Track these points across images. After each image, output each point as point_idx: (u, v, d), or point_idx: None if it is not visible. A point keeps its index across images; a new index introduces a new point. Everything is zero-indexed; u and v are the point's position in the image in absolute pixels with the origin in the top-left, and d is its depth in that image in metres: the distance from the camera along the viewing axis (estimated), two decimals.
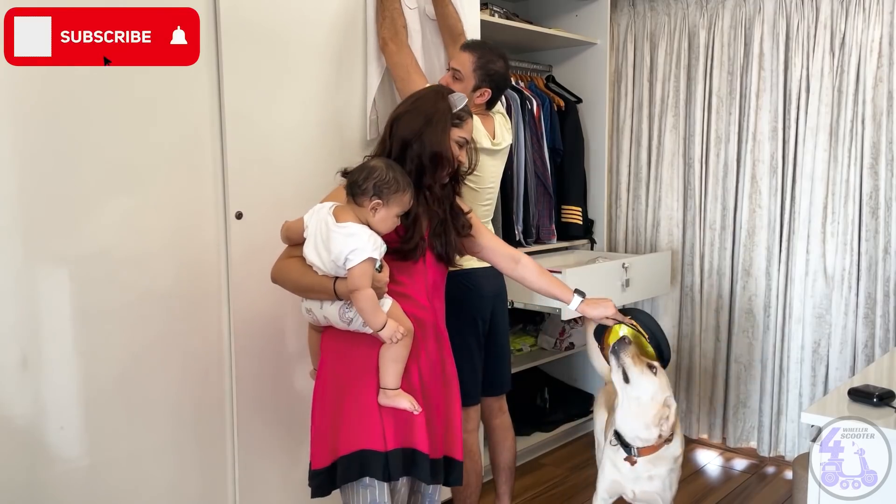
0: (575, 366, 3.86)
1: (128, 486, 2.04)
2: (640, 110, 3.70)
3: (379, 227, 1.80)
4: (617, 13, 3.74)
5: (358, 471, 1.82)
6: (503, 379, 2.55)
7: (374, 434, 1.81)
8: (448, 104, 1.93)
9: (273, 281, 1.90)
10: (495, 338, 2.47)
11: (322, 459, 1.85)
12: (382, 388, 1.82)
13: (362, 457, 1.81)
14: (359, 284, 1.72)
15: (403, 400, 1.81)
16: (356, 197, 1.80)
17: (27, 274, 1.84)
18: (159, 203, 2.04)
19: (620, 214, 3.80)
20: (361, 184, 1.78)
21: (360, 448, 1.82)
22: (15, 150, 1.80)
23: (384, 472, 1.81)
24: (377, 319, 1.74)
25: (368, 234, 1.76)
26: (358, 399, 1.84)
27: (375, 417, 1.82)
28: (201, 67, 2.08)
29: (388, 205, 1.79)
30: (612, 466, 2.17)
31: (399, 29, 2.40)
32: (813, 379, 3.27)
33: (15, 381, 1.83)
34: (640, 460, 2.10)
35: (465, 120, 1.97)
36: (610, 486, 2.21)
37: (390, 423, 1.82)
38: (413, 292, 1.92)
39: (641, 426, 2.05)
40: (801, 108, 3.24)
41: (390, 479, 1.82)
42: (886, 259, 3.07)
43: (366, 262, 1.73)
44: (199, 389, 2.17)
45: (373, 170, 1.79)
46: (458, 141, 1.95)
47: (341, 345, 1.88)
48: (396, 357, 1.81)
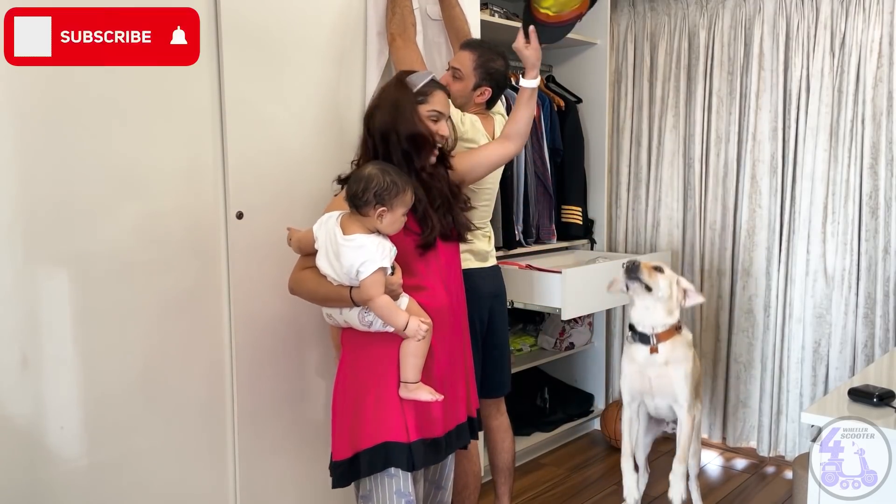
0: (575, 366, 3.86)
1: (128, 486, 2.04)
2: (640, 110, 3.70)
3: (388, 231, 1.83)
4: (617, 13, 3.74)
5: (383, 462, 1.89)
6: (502, 381, 2.53)
7: (397, 426, 1.88)
8: (408, 86, 1.97)
9: (291, 293, 1.96)
10: (493, 339, 2.46)
11: (343, 452, 1.91)
12: (403, 382, 1.87)
13: (387, 449, 1.88)
14: (372, 294, 1.77)
15: (424, 392, 1.86)
16: (360, 209, 1.81)
17: (27, 274, 1.84)
18: (159, 203, 2.04)
19: (620, 214, 3.80)
20: (362, 195, 1.79)
21: (383, 440, 1.88)
22: (15, 150, 1.80)
23: (409, 463, 1.88)
24: (398, 320, 1.80)
25: (377, 245, 1.78)
26: (379, 394, 1.89)
27: (398, 411, 1.88)
28: (201, 67, 2.08)
29: (392, 209, 1.80)
30: (629, 362, 2.55)
31: (408, 26, 2.40)
32: (813, 379, 3.27)
33: (15, 381, 1.83)
34: (661, 347, 2.48)
35: (431, 94, 1.98)
36: (631, 385, 2.57)
37: (412, 415, 1.89)
38: (428, 282, 1.96)
39: (665, 313, 2.48)
40: (801, 108, 3.24)
41: (414, 468, 1.89)
42: (886, 259, 3.07)
43: (377, 272, 1.76)
44: (200, 389, 2.16)
45: (370, 179, 1.79)
46: (429, 116, 1.96)
47: (361, 341, 1.93)
48: (416, 352, 1.86)
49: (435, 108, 1.97)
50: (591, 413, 3.76)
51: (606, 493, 3.12)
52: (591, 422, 3.81)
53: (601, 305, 3.35)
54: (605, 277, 3.10)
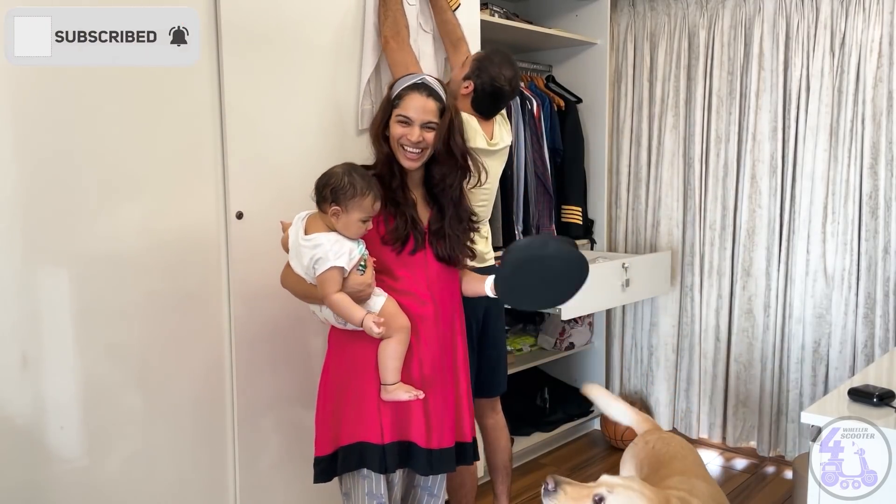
0: (575, 366, 3.86)
1: (128, 486, 2.04)
2: (640, 110, 3.70)
3: (345, 233, 1.83)
4: (617, 13, 3.74)
5: (357, 461, 1.91)
6: (497, 381, 2.53)
7: (372, 427, 1.89)
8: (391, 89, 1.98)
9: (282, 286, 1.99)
10: (489, 339, 2.45)
11: (324, 447, 1.94)
12: (383, 385, 1.88)
13: (361, 448, 1.90)
14: (325, 291, 1.80)
15: (402, 392, 1.86)
16: (319, 204, 1.84)
17: (27, 274, 1.84)
18: (159, 203, 2.04)
19: (620, 214, 3.80)
20: (321, 190, 1.82)
21: (359, 440, 1.90)
22: (15, 150, 1.80)
23: (381, 465, 1.88)
24: (354, 316, 1.81)
25: (332, 243, 1.79)
26: (358, 393, 1.91)
27: (374, 411, 1.89)
28: (201, 67, 2.08)
29: (347, 210, 1.80)
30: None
31: (401, 28, 2.40)
32: (813, 379, 3.27)
33: (15, 381, 1.83)
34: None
35: (404, 97, 1.94)
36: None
37: (388, 417, 1.89)
38: (413, 287, 1.95)
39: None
40: (801, 108, 3.24)
41: (387, 471, 1.90)
42: (886, 259, 3.07)
43: (330, 270, 1.78)
44: (200, 389, 2.16)
45: (330, 176, 1.82)
46: (397, 119, 1.93)
47: (342, 340, 1.95)
48: (393, 354, 1.86)
49: (403, 112, 1.92)
50: (591, 413, 3.76)
51: None
52: (591, 422, 3.81)
53: (601, 305, 3.35)
54: (606, 277, 3.12)
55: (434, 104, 1.93)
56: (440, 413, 1.97)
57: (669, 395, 3.66)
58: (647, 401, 3.74)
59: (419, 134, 1.91)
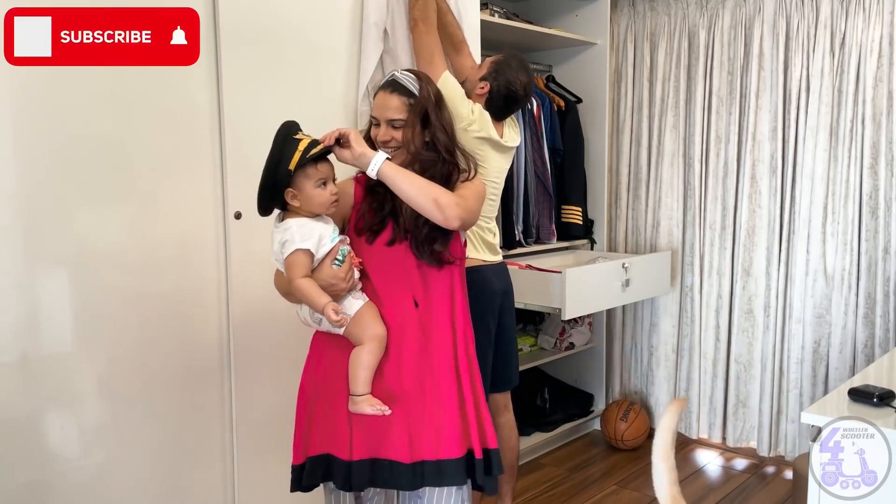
0: (575, 366, 3.85)
1: (127, 486, 2.04)
2: (640, 110, 3.70)
3: (311, 208, 1.73)
4: (617, 13, 3.74)
5: (322, 475, 1.80)
6: (509, 375, 2.55)
7: (340, 441, 1.77)
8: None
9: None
10: (503, 334, 2.48)
11: (298, 456, 1.84)
12: (351, 395, 1.74)
13: (327, 461, 1.78)
14: (291, 274, 1.71)
15: (367, 406, 1.70)
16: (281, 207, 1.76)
17: (27, 274, 1.84)
18: (159, 203, 2.04)
19: (620, 214, 3.80)
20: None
21: (326, 452, 1.79)
22: (15, 150, 1.80)
23: (345, 482, 1.75)
24: (317, 303, 1.69)
25: (299, 226, 1.72)
26: (329, 403, 1.80)
27: (343, 424, 1.77)
28: (201, 67, 2.08)
29: (297, 186, 1.71)
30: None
31: (430, 12, 2.40)
32: (813, 379, 3.27)
33: (15, 381, 1.83)
34: None
35: (377, 95, 1.86)
36: None
37: (360, 431, 1.75)
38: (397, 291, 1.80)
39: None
40: (801, 108, 3.24)
41: (351, 489, 1.77)
42: (886, 259, 3.07)
43: (295, 253, 1.70)
44: (199, 389, 2.17)
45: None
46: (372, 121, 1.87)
47: (320, 345, 1.85)
48: (363, 364, 1.73)
49: (372, 112, 1.87)
50: (591, 413, 3.76)
51: (606, 494, 3.12)
52: (591, 422, 3.80)
53: (601, 305, 3.35)
54: (606, 277, 3.12)
55: (398, 100, 1.81)
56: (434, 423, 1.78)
57: (669, 396, 3.66)
58: (647, 401, 3.74)
59: (384, 132, 1.82)
